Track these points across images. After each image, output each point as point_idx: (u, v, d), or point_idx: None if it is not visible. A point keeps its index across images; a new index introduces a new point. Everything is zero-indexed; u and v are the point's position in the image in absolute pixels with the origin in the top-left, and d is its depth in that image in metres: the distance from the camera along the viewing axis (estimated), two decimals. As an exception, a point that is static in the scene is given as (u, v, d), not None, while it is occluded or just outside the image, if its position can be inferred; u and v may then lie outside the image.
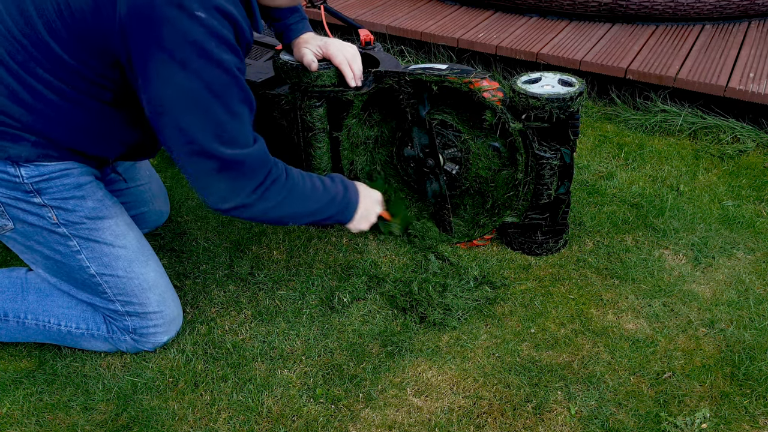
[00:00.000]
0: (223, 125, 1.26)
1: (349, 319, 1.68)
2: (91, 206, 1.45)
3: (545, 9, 3.18)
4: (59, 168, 1.39)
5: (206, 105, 1.23)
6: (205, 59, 1.19)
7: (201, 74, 1.20)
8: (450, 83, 1.68)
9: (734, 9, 2.99)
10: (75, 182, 1.42)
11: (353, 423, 1.43)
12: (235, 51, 1.25)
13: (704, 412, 1.41)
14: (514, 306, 1.72)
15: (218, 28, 1.19)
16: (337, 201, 1.53)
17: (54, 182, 1.39)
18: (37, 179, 1.38)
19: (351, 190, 1.59)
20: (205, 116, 1.24)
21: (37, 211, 1.42)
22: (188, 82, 1.20)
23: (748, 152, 2.37)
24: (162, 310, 1.56)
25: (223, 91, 1.24)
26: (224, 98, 1.24)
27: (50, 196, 1.40)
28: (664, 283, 1.78)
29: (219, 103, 1.24)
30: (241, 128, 1.29)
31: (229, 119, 1.26)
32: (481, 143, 1.78)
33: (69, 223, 1.44)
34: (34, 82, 1.29)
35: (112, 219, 1.49)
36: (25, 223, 1.43)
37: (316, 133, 1.83)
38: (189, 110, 1.23)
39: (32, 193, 1.39)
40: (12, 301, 1.56)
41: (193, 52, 1.18)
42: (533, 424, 1.41)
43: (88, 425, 1.43)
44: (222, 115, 1.25)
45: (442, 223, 1.91)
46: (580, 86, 1.66)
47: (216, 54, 1.20)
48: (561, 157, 1.71)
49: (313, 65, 1.68)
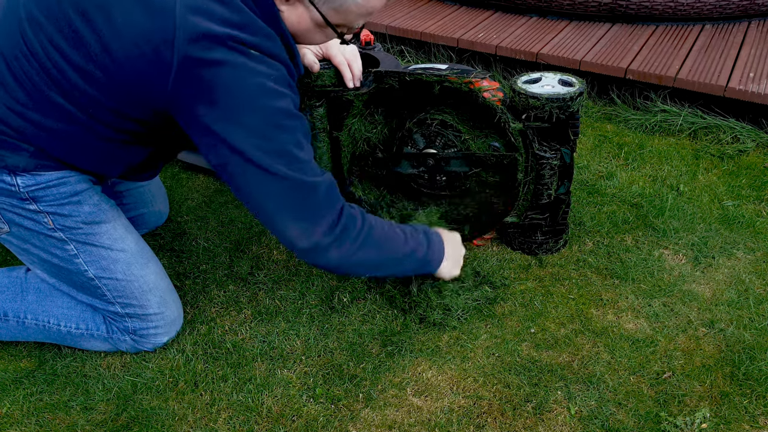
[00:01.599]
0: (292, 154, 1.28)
1: (349, 319, 1.68)
2: (88, 211, 1.44)
3: (545, 9, 3.18)
4: (56, 177, 1.37)
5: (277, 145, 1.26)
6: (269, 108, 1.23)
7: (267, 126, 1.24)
8: (450, 83, 1.68)
9: (734, 9, 2.99)
10: (71, 190, 1.40)
11: (353, 423, 1.43)
12: (293, 88, 1.29)
13: (704, 412, 1.41)
14: (514, 306, 1.72)
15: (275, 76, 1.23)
16: (417, 256, 1.51)
17: (50, 190, 1.38)
18: (34, 188, 1.36)
19: (434, 242, 1.56)
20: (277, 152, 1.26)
21: (33, 217, 1.41)
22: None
23: (748, 152, 2.37)
24: (163, 312, 1.56)
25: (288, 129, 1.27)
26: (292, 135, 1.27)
27: (46, 203, 1.39)
28: (664, 283, 1.78)
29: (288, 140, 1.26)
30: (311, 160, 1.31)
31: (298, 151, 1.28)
32: (481, 143, 1.78)
33: (65, 228, 1.43)
34: (47, 104, 1.26)
35: (109, 223, 1.48)
36: (20, 227, 1.43)
37: (316, 133, 1.83)
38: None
39: (28, 201, 1.38)
40: (12, 301, 1.56)
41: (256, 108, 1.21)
42: (533, 424, 1.41)
43: (88, 425, 1.43)
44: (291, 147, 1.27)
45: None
46: (580, 86, 1.66)
47: (277, 102, 1.23)
48: (561, 157, 1.71)
49: (315, 67, 1.68)
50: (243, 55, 1.18)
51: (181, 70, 1.15)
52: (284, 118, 1.25)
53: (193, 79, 1.16)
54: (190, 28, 1.14)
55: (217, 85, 1.17)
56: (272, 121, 1.23)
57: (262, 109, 1.21)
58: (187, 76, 1.16)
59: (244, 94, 1.19)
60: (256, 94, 1.20)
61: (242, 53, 1.18)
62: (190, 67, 1.15)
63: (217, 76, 1.16)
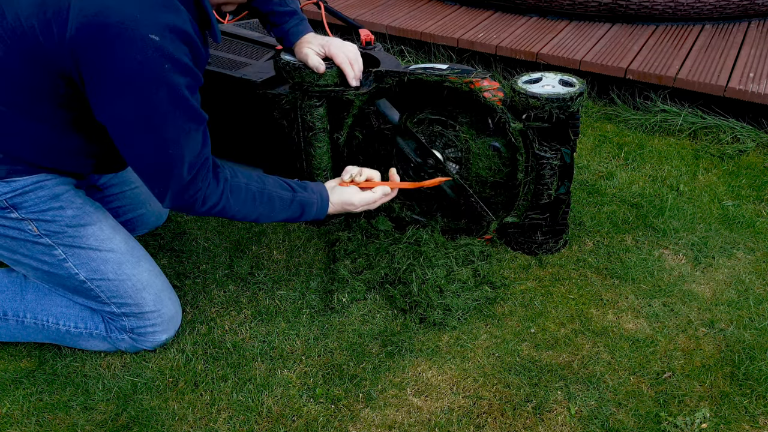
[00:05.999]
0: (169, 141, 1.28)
1: (349, 319, 1.68)
2: (71, 215, 1.43)
3: (545, 9, 3.18)
4: (32, 181, 1.37)
5: (155, 125, 1.25)
6: (157, 83, 1.20)
7: (151, 98, 1.22)
8: (450, 83, 1.68)
9: (734, 9, 2.99)
10: (50, 193, 1.39)
11: (353, 423, 1.43)
12: (189, 72, 1.26)
13: (704, 412, 1.41)
14: (514, 306, 1.72)
15: (171, 51, 1.20)
16: (294, 205, 1.51)
17: (28, 196, 1.37)
18: (11, 195, 1.36)
19: (310, 191, 1.55)
20: (154, 134, 1.26)
21: (16, 225, 1.40)
22: (139, 107, 1.22)
23: (748, 152, 2.37)
24: (159, 309, 1.56)
25: (169, 110, 1.25)
26: (171, 117, 1.26)
27: (27, 210, 1.38)
28: (664, 283, 1.78)
29: (167, 122, 1.25)
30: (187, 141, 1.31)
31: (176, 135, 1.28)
32: (481, 143, 1.78)
33: (51, 233, 1.42)
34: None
35: (95, 225, 1.47)
36: (6, 237, 1.42)
37: (316, 133, 1.83)
38: (139, 131, 1.25)
39: (8, 209, 1.37)
40: (11, 301, 1.56)
41: (145, 77, 1.19)
42: (533, 424, 1.41)
43: (88, 425, 1.43)
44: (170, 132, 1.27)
45: (474, 214, 1.88)
46: (581, 86, 1.66)
47: (168, 78, 1.21)
48: (561, 157, 1.71)
49: (321, 68, 1.68)
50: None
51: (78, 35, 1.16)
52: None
53: (88, 38, 1.16)
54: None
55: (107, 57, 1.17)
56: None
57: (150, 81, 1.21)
58: (82, 37, 1.16)
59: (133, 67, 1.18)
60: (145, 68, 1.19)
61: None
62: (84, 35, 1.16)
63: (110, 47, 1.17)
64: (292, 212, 1.52)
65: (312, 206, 1.54)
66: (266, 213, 1.48)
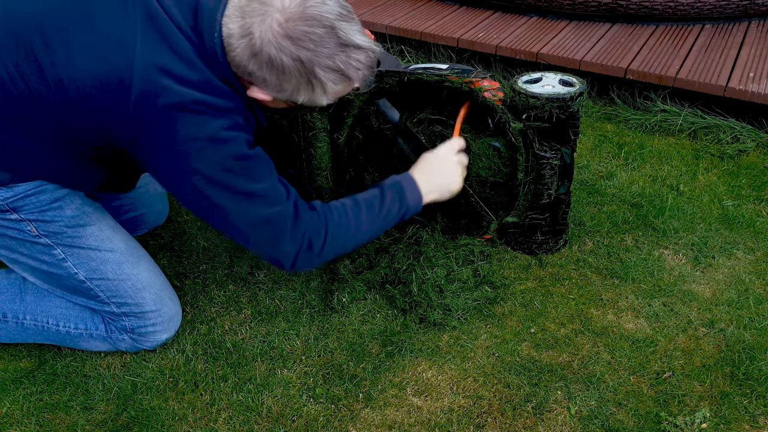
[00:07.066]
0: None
1: (349, 319, 1.68)
2: (71, 215, 1.43)
3: (545, 9, 3.18)
4: (34, 186, 1.36)
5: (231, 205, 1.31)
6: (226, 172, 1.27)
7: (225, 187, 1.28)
8: (451, 83, 1.68)
9: (734, 9, 2.99)
10: (51, 197, 1.39)
11: (353, 423, 1.43)
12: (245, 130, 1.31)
13: (704, 412, 1.41)
14: (514, 306, 1.72)
15: (236, 145, 1.27)
16: (393, 212, 1.48)
17: (29, 199, 1.37)
18: (12, 199, 1.35)
19: (405, 190, 1.51)
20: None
21: (15, 226, 1.40)
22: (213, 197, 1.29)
23: (748, 152, 2.37)
24: (159, 309, 1.56)
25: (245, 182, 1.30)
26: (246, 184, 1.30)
27: (27, 212, 1.38)
28: (664, 283, 1.78)
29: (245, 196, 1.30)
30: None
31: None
32: (481, 143, 1.78)
33: (50, 233, 1.42)
34: (11, 125, 1.27)
35: (94, 225, 1.47)
36: (5, 236, 1.42)
37: (316, 133, 1.83)
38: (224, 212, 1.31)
39: (8, 212, 1.37)
40: (11, 302, 1.56)
41: (216, 169, 1.26)
42: (533, 424, 1.41)
43: (88, 425, 1.43)
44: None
45: (475, 214, 1.88)
46: (581, 86, 1.66)
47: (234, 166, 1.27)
48: (561, 157, 1.71)
49: None
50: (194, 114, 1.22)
51: (137, 112, 1.19)
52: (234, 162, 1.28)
53: (146, 124, 1.20)
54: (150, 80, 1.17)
55: (168, 135, 1.21)
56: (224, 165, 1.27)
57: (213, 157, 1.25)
58: (142, 120, 1.20)
59: (195, 145, 1.23)
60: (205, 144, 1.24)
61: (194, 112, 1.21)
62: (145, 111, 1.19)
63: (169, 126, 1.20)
64: (390, 205, 1.47)
65: (400, 186, 1.49)
66: (370, 219, 1.45)
